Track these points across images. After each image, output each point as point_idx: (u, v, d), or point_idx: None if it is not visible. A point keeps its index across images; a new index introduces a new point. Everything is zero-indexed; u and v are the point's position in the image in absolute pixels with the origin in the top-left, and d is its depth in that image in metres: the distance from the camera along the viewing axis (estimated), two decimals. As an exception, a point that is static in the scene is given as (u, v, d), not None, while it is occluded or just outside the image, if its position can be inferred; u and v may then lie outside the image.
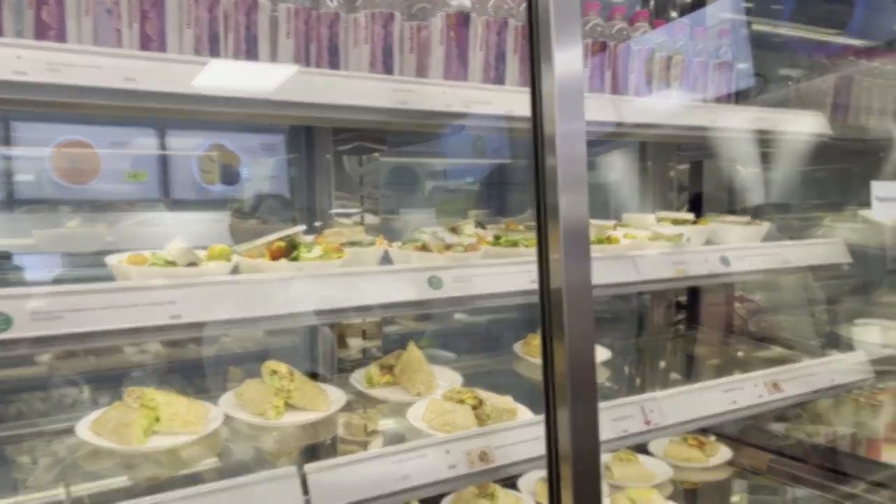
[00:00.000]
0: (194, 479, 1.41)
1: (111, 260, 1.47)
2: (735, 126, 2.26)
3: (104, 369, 2.05)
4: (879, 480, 2.40)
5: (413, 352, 1.96)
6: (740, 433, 2.61)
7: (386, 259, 1.80)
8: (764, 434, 2.67)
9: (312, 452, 1.74)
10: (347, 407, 1.81)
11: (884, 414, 2.65)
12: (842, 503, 2.38)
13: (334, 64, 1.71)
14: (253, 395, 1.72)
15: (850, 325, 2.71)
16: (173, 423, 1.57)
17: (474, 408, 1.71)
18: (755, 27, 2.62)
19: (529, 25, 1.31)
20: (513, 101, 1.76)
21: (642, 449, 2.42)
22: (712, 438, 2.48)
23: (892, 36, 2.47)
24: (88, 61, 1.24)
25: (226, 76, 1.47)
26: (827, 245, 2.33)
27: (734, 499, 2.52)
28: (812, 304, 2.90)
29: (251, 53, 1.60)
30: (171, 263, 1.45)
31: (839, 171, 2.87)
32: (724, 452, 2.43)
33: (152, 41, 1.50)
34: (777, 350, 2.66)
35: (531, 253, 1.34)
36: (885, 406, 2.65)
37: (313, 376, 1.89)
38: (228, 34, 1.58)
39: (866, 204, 2.11)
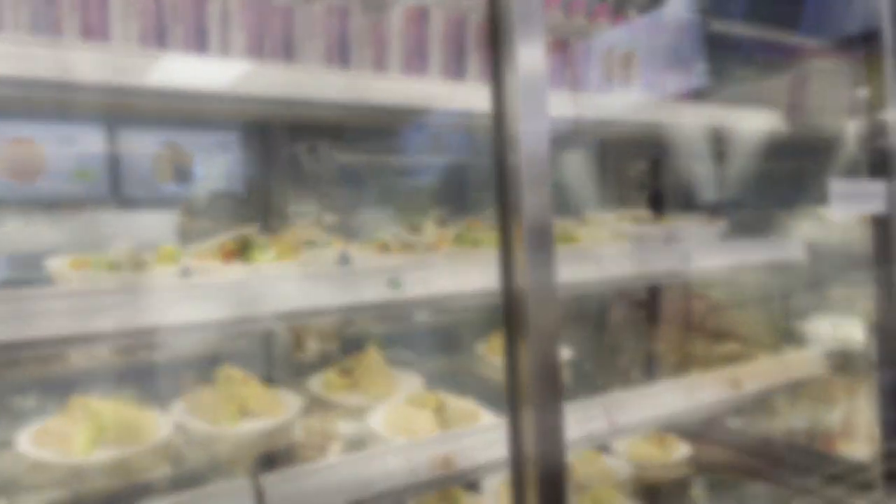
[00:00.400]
0: (141, 492, 1.35)
1: (50, 263, 1.39)
2: (693, 123, 2.27)
3: (50, 376, 1.97)
4: (835, 474, 2.44)
5: (372, 354, 1.92)
6: (701, 430, 2.63)
7: (344, 259, 1.74)
8: (723, 430, 2.69)
9: (269, 460, 1.68)
10: (305, 412, 1.75)
11: (839, 409, 2.70)
12: (799, 497, 2.42)
13: (289, 58, 1.66)
14: (206, 401, 1.66)
15: (807, 321, 2.75)
16: (121, 432, 1.50)
17: (436, 412, 1.67)
18: (714, 26, 2.64)
19: (490, 21, 1.27)
20: (474, 97, 1.73)
21: (604, 448, 2.42)
22: (673, 436, 2.49)
23: (846, 35, 2.51)
24: (22, 51, 1.16)
25: (174, 69, 1.40)
26: (785, 242, 2.36)
27: (696, 495, 2.53)
28: (769, 301, 2.93)
29: (201, 46, 1.54)
30: (115, 266, 1.38)
31: (796, 169, 2.91)
32: (684, 450, 2.44)
33: (95, 32, 1.43)
34: (736, 347, 2.68)
35: (494, 252, 1.31)
36: (840, 401, 2.69)
37: (269, 381, 1.83)
38: (177, 26, 1.51)
39: (822, 201, 2.14)
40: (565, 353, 2.29)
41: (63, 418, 1.50)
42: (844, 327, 2.70)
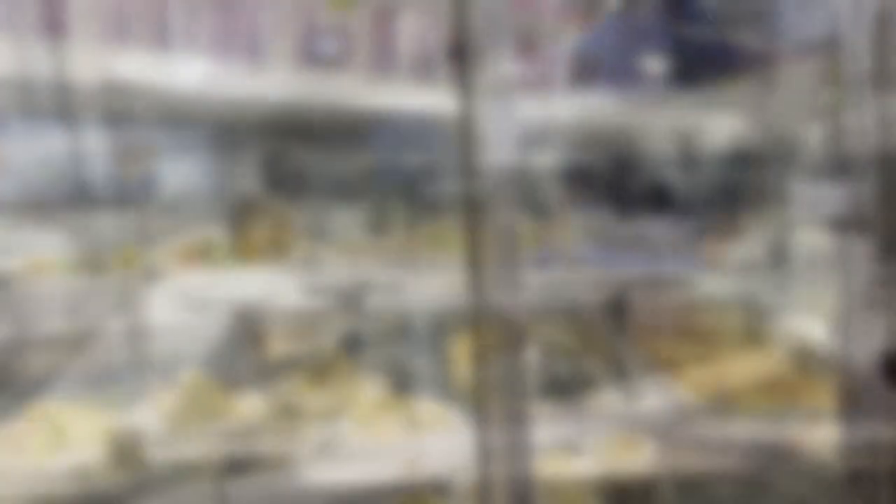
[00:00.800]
0: (101, 499, 1.32)
1: (4, 265, 1.36)
2: (661, 126, 2.30)
3: (7, 380, 1.92)
4: (801, 472, 2.48)
5: (340, 357, 1.90)
6: (670, 431, 2.65)
7: (312, 261, 1.73)
8: (693, 431, 2.72)
9: (234, 466, 1.66)
10: (271, 416, 1.73)
11: (805, 408, 2.74)
12: (766, 495, 2.45)
13: (253, 57, 1.63)
14: (170, 405, 1.63)
15: (775, 322, 2.79)
16: (82, 438, 1.47)
17: (404, 416, 1.66)
18: (683, 29, 2.66)
19: (455, 23, 1.27)
20: (445, 99, 1.72)
21: (574, 449, 2.42)
22: (642, 437, 2.50)
23: (811, 40, 2.56)
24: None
25: (136, 67, 1.38)
26: (753, 243, 2.39)
27: (664, 495, 2.55)
28: (738, 302, 2.97)
29: (163, 43, 1.51)
30: (76, 268, 1.35)
31: (763, 172, 2.96)
32: (654, 451, 2.46)
33: (53, 28, 1.39)
34: (705, 348, 2.71)
35: (464, 255, 1.31)
36: (806, 399, 2.74)
37: (235, 384, 1.81)
38: (138, 22, 1.48)
39: (789, 203, 2.17)
40: (533, 355, 2.29)
41: (20, 424, 1.46)
42: (810, 328, 2.74)
